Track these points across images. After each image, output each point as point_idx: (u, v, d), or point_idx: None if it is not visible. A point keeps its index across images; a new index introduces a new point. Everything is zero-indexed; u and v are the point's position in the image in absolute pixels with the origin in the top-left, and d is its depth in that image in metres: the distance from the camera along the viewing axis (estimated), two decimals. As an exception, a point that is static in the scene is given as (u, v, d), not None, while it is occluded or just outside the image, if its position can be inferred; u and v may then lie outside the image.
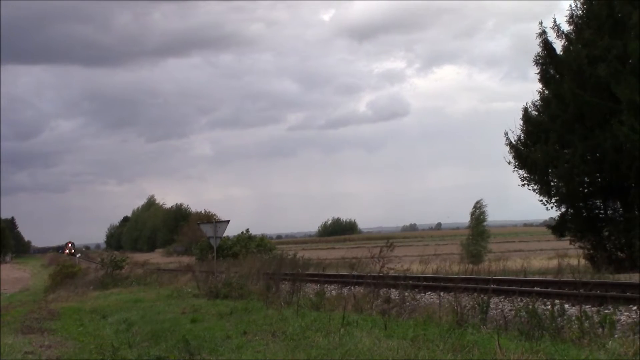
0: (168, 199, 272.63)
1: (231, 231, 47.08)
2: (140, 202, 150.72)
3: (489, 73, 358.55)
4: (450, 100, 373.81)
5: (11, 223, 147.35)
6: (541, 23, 25.46)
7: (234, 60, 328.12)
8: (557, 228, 26.10)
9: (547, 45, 25.29)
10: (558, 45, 25.30)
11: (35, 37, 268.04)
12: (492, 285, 13.03)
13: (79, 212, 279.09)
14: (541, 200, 25.75)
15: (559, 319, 8.73)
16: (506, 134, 26.20)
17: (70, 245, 63.97)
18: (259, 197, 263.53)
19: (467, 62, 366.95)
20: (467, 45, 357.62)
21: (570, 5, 24.83)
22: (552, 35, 25.29)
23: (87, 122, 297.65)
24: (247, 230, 44.56)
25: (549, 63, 25.31)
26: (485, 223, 38.81)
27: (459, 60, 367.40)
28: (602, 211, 25.12)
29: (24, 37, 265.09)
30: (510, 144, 26.11)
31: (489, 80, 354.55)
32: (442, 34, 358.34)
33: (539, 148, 24.39)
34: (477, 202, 39.03)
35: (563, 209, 25.60)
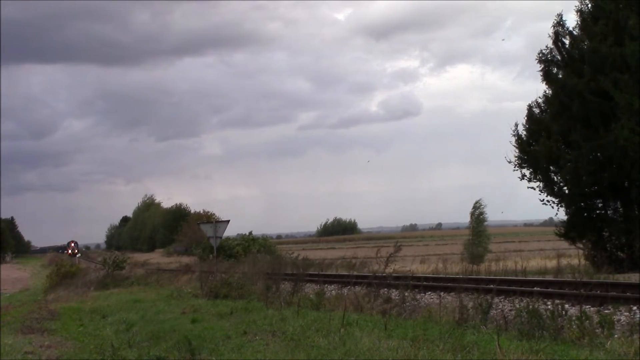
0: (174, 199, 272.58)
1: (236, 231, 47.28)
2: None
3: (502, 72, 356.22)
4: (462, 99, 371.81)
5: (11, 223, 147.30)
6: (559, 16, 25.38)
7: (249, 59, 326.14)
8: (567, 234, 25.91)
9: (557, 40, 25.22)
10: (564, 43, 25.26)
11: (53, 36, 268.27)
12: (494, 286, 13.03)
13: (83, 212, 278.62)
14: (542, 200, 25.74)
15: (559, 319, 8.72)
16: (516, 125, 26.14)
17: (72, 245, 61.95)
18: (264, 197, 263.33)
19: (481, 61, 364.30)
20: (482, 44, 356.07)
21: (578, 4, 24.69)
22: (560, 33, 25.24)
23: (99, 121, 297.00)
24: (251, 233, 44.96)
25: (552, 61, 25.26)
26: (485, 223, 38.68)
27: (473, 59, 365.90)
28: (602, 211, 25.10)
29: (42, 37, 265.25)
30: (517, 135, 26.05)
31: (501, 80, 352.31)
32: (459, 32, 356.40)
33: (542, 144, 24.34)
34: (477, 202, 38.89)
35: (568, 211, 25.47)
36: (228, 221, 23.75)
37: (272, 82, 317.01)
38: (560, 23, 25.23)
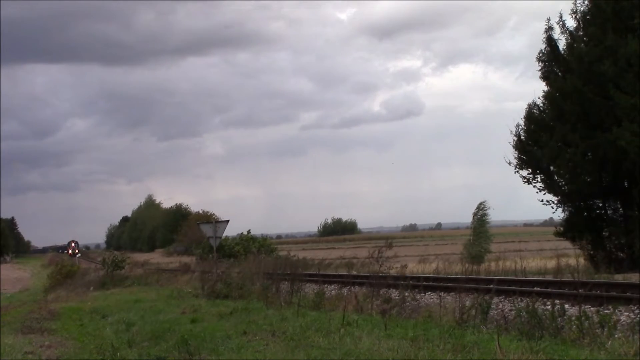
0: (176, 199, 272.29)
1: (237, 231, 47.16)
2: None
3: (504, 72, 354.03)
4: (464, 99, 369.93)
5: (11, 223, 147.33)
6: (549, 19, 25.39)
7: (251, 59, 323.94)
8: (565, 233, 25.89)
9: (550, 42, 25.22)
10: (562, 42, 25.26)
11: (56, 36, 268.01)
12: (493, 286, 13.02)
13: (84, 212, 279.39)
14: (542, 200, 25.72)
15: (559, 319, 8.72)
16: (518, 126, 26.09)
17: (73, 244, 61.52)
18: (266, 197, 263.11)
19: (483, 61, 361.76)
20: (485, 43, 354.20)
21: (575, 2, 24.64)
22: (556, 32, 25.25)
23: (102, 121, 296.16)
24: (249, 232, 44.73)
25: (551, 60, 25.25)
26: (488, 224, 38.61)
27: (475, 59, 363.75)
28: (602, 211, 25.08)
29: (45, 36, 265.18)
30: (518, 135, 26.03)
31: (503, 80, 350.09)
32: (462, 32, 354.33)
33: (543, 145, 24.32)
34: (481, 204, 38.80)
35: (566, 211, 25.46)
36: (227, 221, 23.76)
37: (274, 82, 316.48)
38: (551, 27, 25.21)
